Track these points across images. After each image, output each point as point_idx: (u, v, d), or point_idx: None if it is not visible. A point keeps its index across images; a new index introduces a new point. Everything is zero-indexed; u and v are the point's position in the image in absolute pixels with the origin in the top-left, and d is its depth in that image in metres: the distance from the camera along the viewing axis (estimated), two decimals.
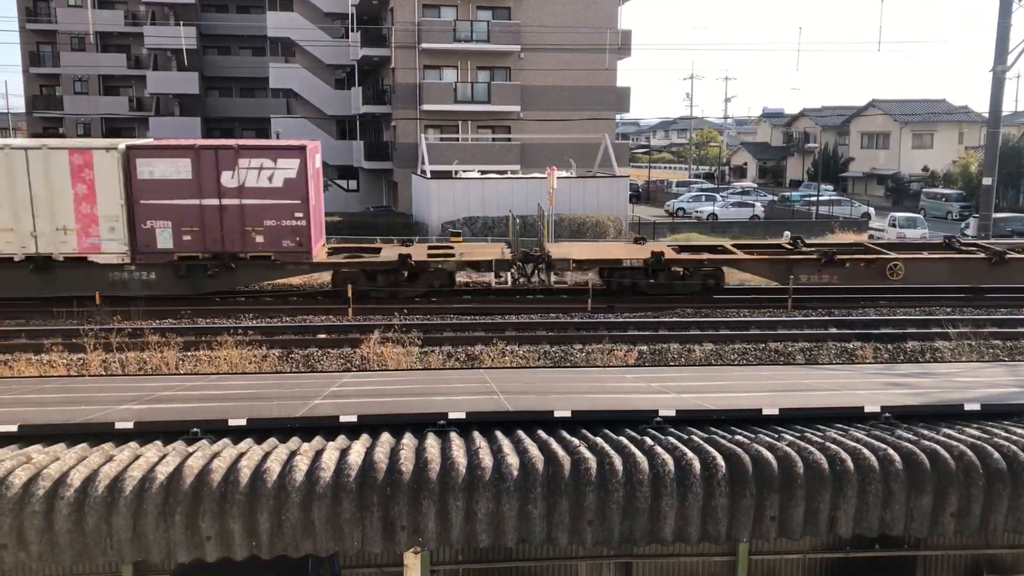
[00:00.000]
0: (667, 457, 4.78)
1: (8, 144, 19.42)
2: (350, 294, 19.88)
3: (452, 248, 22.49)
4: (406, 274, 20.69)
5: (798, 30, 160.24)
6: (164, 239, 19.59)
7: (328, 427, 5.54)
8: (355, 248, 23.00)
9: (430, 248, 23.19)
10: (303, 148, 19.96)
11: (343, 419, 5.56)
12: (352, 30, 46.93)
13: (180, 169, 19.34)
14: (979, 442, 5.00)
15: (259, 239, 19.78)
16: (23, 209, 19.11)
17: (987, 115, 29.29)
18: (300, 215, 19.75)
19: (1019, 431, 5.36)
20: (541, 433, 5.30)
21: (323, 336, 17.60)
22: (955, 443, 4.98)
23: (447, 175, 38.24)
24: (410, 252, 21.26)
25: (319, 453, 4.84)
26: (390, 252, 21.68)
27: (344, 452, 4.85)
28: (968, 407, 5.97)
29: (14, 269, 19.50)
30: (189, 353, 15.63)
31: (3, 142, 19.59)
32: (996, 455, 4.85)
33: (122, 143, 19.69)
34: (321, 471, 4.58)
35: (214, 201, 19.52)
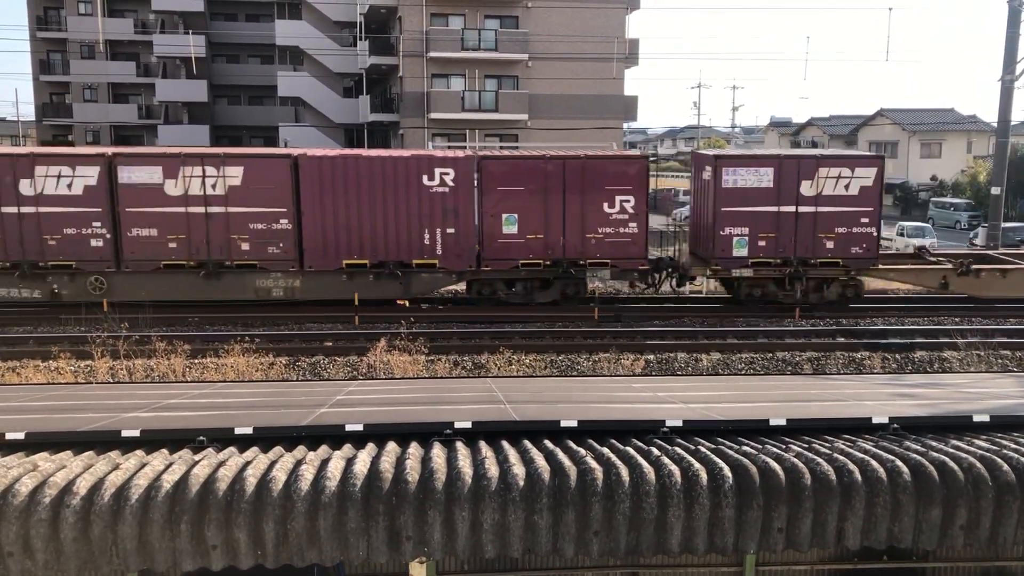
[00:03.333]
0: (674, 468, 4.76)
1: None
2: (356, 301, 19.88)
3: None
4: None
5: (806, 39, 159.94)
6: None
7: (334, 436, 5.54)
8: None
9: None
10: None
11: (349, 428, 5.56)
12: (360, 39, 47.08)
13: None
14: (988, 454, 4.96)
15: None
16: None
17: (996, 125, 29.22)
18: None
19: None
20: (547, 443, 5.28)
21: (330, 344, 17.61)
22: (964, 455, 4.95)
23: None
24: None
25: (325, 462, 4.84)
26: None
27: (350, 461, 4.85)
28: (977, 419, 5.93)
29: None
30: (196, 360, 15.65)
31: None
32: (1006, 467, 4.81)
33: None
34: (327, 480, 4.57)
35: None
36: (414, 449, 5.09)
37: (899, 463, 4.82)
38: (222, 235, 19.62)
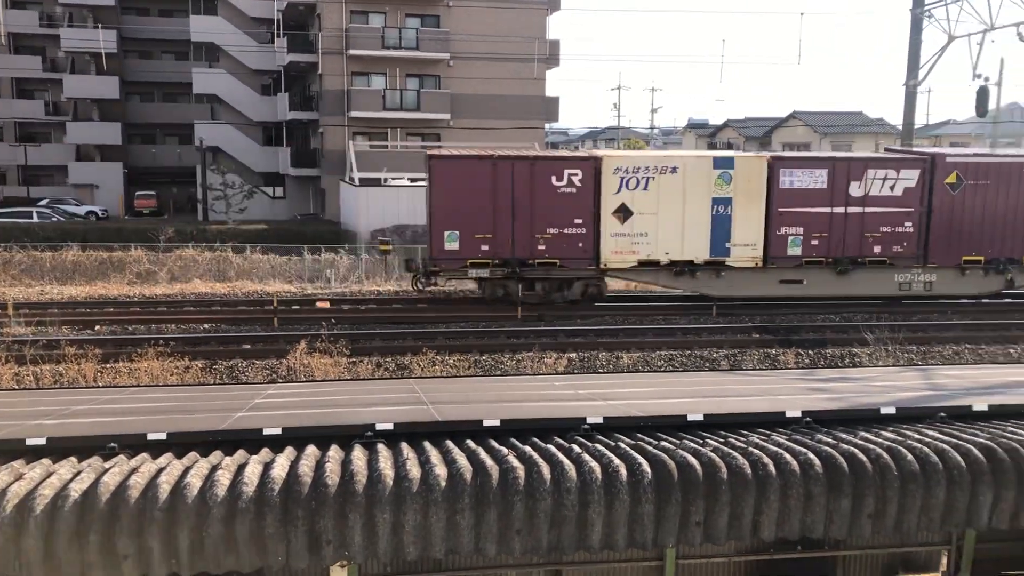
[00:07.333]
0: (594, 464, 4.81)
1: None
2: (275, 304, 19.53)
3: None
4: None
5: (722, 43, 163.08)
6: None
7: (252, 440, 5.43)
8: None
9: None
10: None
11: (267, 431, 5.46)
12: (278, 35, 46.32)
13: None
14: (894, 444, 5.16)
15: None
16: None
17: (901, 127, 30.40)
18: None
19: (931, 433, 5.55)
20: (470, 443, 5.28)
21: (248, 346, 17.25)
22: (871, 446, 5.13)
23: (376, 183, 37.94)
24: None
25: (242, 467, 4.74)
26: None
27: (268, 466, 4.76)
28: (884, 411, 6.16)
29: None
30: (108, 365, 15.15)
31: None
32: (909, 456, 5.01)
33: None
34: (244, 486, 4.48)
35: None
36: (334, 452, 5.02)
37: (811, 455, 4.97)
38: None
